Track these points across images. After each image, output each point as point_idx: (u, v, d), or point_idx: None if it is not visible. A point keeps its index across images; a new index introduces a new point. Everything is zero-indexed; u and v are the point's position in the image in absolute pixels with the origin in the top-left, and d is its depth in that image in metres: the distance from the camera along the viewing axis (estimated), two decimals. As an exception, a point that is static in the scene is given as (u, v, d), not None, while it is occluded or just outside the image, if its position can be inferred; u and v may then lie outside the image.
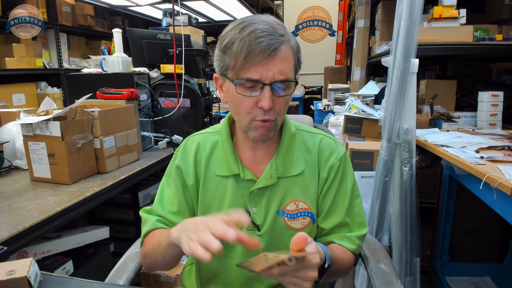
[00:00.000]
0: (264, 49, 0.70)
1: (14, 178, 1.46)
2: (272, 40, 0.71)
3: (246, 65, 0.72)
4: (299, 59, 0.80)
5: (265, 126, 0.77)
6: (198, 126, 2.13)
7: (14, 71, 3.20)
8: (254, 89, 0.74)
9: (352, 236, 0.85)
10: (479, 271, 1.99)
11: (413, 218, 1.57)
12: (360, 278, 1.68)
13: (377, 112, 2.00)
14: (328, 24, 6.85)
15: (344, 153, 0.89)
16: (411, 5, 1.43)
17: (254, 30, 0.71)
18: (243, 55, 0.71)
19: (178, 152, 0.91)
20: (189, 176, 0.87)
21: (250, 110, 0.76)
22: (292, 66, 0.76)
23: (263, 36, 0.71)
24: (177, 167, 0.89)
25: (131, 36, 2.04)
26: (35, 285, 0.65)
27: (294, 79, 0.77)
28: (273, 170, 0.84)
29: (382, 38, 2.79)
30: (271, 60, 0.71)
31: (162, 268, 0.84)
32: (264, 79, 0.72)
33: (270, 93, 0.73)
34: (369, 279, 0.87)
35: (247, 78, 0.72)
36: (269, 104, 0.73)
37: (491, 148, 1.43)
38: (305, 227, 0.85)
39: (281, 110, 0.78)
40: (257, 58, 0.70)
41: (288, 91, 0.76)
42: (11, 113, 1.77)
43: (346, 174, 0.88)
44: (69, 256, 1.49)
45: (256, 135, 0.78)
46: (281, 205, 0.84)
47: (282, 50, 0.73)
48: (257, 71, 0.72)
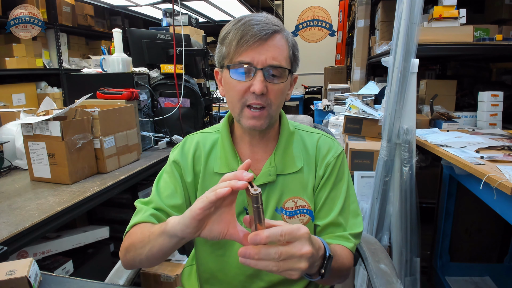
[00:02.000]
0: (256, 33, 0.73)
1: (14, 178, 1.46)
2: (265, 26, 0.74)
3: (238, 49, 0.75)
4: (294, 53, 0.80)
5: (256, 116, 0.77)
6: (198, 126, 2.13)
7: (14, 71, 3.20)
8: (247, 75, 0.76)
9: (346, 234, 0.84)
10: (479, 271, 1.99)
11: (413, 218, 1.57)
12: (360, 278, 1.68)
13: (377, 112, 2.00)
14: (328, 24, 6.85)
15: (341, 151, 0.89)
16: (411, 5, 1.43)
17: (249, 20, 0.75)
18: (236, 41, 0.74)
19: (176, 148, 0.91)
20: (187, 173, 0.87)
21: (243, 95, 0.77)
22: (286, 56, 0.77)
23: (256, 24, 0.74)
24: (174, 161, 0.88)
25: (131, 36, 2.04)
26: (35, 285, 0.65)
27: (289, 69, 0.78)
28: (271, 167, 0.84)
29: (382, 38, 2.80)
30: (262, 45, 0.74)
31: (145, 264, 0.77)
32: (256, 63, 0.74)
33: (262, 78, 0.74)
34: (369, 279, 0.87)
35: (239, 61, 0.75)
36: (260, 88, 0.74)
37: (491, 148, 1.43)
38: (304, 224, 0.84)
39: (275, 99, 0.78)
40: (249, 42, 0.73)
41: (282, 80, 0.77)
42: (11, 113, 1.77)
43: (343, 173, 0.88)
44: (69, 256, 1.49)
45: (247, 125, 0.78)
46: (279, 203, 0.84)
47: (275, 37, 0.75)
48: (249, 55, 0.74)
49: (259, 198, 0.55)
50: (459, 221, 1.97)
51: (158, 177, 0.90)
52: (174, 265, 1.71)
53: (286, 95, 0.83)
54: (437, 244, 1.96)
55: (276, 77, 0.76)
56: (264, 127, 0.79)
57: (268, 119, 0.79)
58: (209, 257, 0.88)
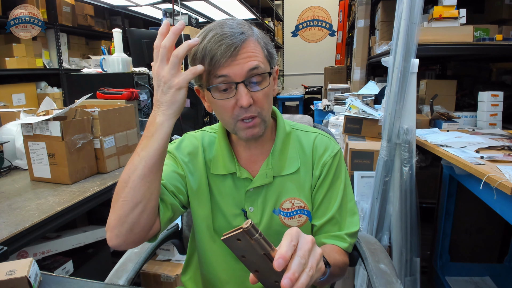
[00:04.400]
0: (225, 51, 0.71)
1: (14, 178, 1.46)
2: (232, 40, 0.71)
3: (213, 70, 0.72)
4: (269, 51, 0.78)
5: (250, 126, 0.76)
6: (198, 126, 2.13)
7: (14, 71, 3.20)
8: (229, 90, 0.74)
9: (342, 234, 0.84)
10: (479, 271, 1.99)
11: (413, 218, 1.57)
12: (360, 278, 1.68)
13: (377, 112, 2.00)
14: (328, 24, 6.86)
15: (338, 150, 0.88)
16: (411, 5, 1.43)
17: (212, 36, 0.72)
18: (207, 62, 0.72)
19: (174, 143, 0.90)
20: (180, 165, 0.86)
21: (232, 111, 0.75)
22: (262, 58, 0.76)
23: (221, 39, 0.71)
24: (169, 151, 0.87)
25: (131, 36, 2.04)
26: (35, 285, 0.65)
27: (268, 71, 0.76)
28: (268, 169, 0.84)
29: (382, 38, 2.80)
30: (235, 59, 0.72)
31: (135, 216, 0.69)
32: (234, 77, 0.72)
33: (245, 90, 0.73)
34: (369, 279, 0.87)
35: (217, 79, 0.73)
36: (247, 101, 0.72)
37: (491, 148, 1.43)
38: (302, 225, 0.85)
39: (264, 104, 0.77)
40: (221, 61, 0.71)
41: (264, 84, 0.76)
42: (11, 113, 1.77)
43: (340, 172, 0.87)
44: (69, 256, 1.49)
45: (245, 136, 0.78)
46: (277, 204, 0.84)
47: (245, 46, 0.73)
48: (224, 71, 0.72)
49: (254, 226, 0.52)
50: (459, 221, 1.97)
51: None
52: (174, 265, 1.71)
53: (273, 91, 0.82)
54: (437, 244, 1.96)
55: (259, 83, 0.75)
56: (262, 132, 0.79)
57: (263, 124, 0.78)
58: (212, 258, 0.88)
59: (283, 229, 0.83)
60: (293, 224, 0.84)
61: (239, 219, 0.85)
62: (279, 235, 0.81)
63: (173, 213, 0.81)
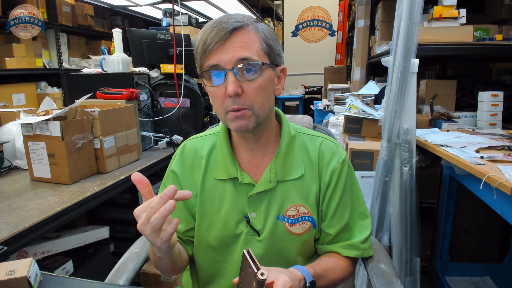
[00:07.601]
0: (215, 36, 0.71)
1: (14, 178, 1.46)
2: (224, 26, 0.72)
3: (204, 55, 0.74)
4: (269, 44, 0.76)
5: (239, 117, 0.74)
6: (198, 126, 2.13)
7: (14, 71, 3.20)
8: (220, 79, 0.74)
9: (356, 243, 0.85)
10: (479, 271, 1.99)
11: (413, 218, 1.57)
12: (360, 278, 1.68)
13: (377, 112, 2.00)
14: (328, 24, 6.85)
15: (345, 156, 0.87)
16: (411, 5, 1.43)
17: (209, 25, 0.74)
18: (200, 48, 0.74)
19: (175, 157, 0.91)
20: (185, 181, 0.86)
21: (222, 101, 0.75)
22: (258, 49, 0.74)
23: (216, 26, 0.73)
24: (172, 171, 0.89)
25: (131, 36, 2.04)
26: (35, 285, 0.65)
27: (266, 63, 0.75)
28: (272, 173, 0.82)
29: (382, 38, 2.79)
30: (225, 44, 0.72)
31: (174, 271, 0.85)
32: (224, 64, 0.72)
33: (233, 78, 0.72)
34: (369, 279, 0.87)
35: (207, 65, 0.74)
36: (233, 90, 0.71)
37: (491, 148, 1.43)
38: (306, 232, 0.84)
39: (255, 98, 0.74)
40: (211, 46, 0.72)
41: (256, 75, 0.73)
42: (11, 113, 1.77)
43: (350, 177, 0.87)
44: (69, 256, 1.49)
45: (234, 127, 0.76)
46: (281, 210, 0.83)
47: (239, 33, 0.73)
48: (215, 58, 0.73)
49: (264, 282, 0.59)
50: (459, 221, 1.97)
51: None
52: (174, 265, 1.71)
53: (275, 90, 0.80)
54: (437, 244, 1.96)
55: (250, 73, 0.73)
56: (251, 126, 0.75)
57: (254, 119, 0.75)
58: (209, 263, 0.88)
59: (287, 235, 0.83)
60: (297, 231, 0.83)
61: (241, 225, 0.84)
62: (282, 242, 0.83)
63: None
